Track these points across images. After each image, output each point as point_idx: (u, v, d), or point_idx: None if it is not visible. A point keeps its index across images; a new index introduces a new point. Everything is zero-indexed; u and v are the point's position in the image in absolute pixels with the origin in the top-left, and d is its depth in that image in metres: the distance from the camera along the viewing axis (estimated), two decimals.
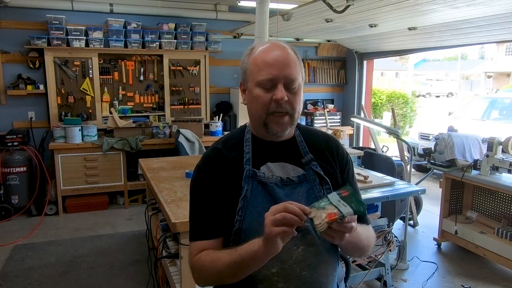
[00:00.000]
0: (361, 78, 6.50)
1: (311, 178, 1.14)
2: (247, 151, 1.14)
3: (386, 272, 2.99)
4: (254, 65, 1.09)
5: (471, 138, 3.81)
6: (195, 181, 1.17)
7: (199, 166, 1.18)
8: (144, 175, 3.27)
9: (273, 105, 1.07)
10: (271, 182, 1.10)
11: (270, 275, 1.07)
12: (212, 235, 1.11)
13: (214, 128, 5.23)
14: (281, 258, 1.05)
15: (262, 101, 1.07)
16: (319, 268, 1.10)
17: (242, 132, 1.19)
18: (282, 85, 1.06)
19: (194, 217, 1.15)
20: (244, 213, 1.07)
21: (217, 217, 1.11)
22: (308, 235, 1.08)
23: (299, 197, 1.10)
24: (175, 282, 2.30)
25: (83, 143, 4.66)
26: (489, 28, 4.01)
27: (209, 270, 1.06)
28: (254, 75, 1.08)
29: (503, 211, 3.51)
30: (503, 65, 26.36)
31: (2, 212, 4.45)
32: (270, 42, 1.12)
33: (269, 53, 1.08)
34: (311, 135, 1.23)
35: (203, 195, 1.14)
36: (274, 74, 1.05)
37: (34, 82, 4.82)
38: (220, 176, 1.12)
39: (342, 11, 3.29)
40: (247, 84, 1.12)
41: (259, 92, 1.08)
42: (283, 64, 1.06)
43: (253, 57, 1.10)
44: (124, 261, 3.52)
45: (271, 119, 1.08)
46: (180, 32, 5.31)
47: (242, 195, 1.08)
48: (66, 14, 4.90)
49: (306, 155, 1.16)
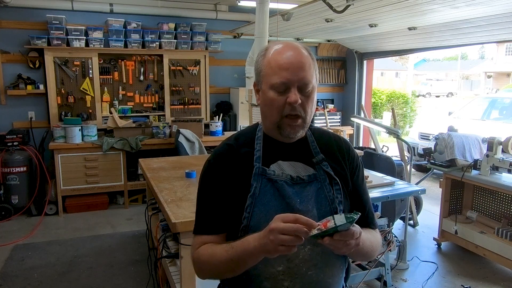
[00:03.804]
0: (361, 78, 6.50)
1: (321, 178, 1.13)
2: (258, 149, 1.14)
3: (386, 272, 2.99)
4: (268, 68, 1.08)
5: (471, 138, 3.81)
6: (204, 176, 1.18)
7: (210, 161, 1.18)
8: (144, 175, 3.27)
9: (287, 108, 1.06)
10: (281, 180, 1.10)
11: (276, 273, 1.08)
12: (215, 230, 1.13)
13: (214, 128, 5.22)
14: (287, 257, 1.06)
15: (276, 104, 1.07)
16: (325, 269, 1.11)
17: (254, 130, 1.19)
18: (296, 88, 1.05)
19: (200, 211, 1.17)
20: (252, 210, 1.08)
21: (222, 214, 1.13)
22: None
23: (308, 196, 1.10)
24: (175, 282, 2.30)
25: (83, 143, 4.66)
26: (489, 28, 4.02)
27: (208, 265, 1.09)
28: (268, 77, 1.08)
29: (503, 211, 3.51)
30: (503, 65, 26.36)
31: (2, 212, 4.45)
32: (284, 43, 1.11)
33: (283, 55, 1.07)
34: (322, 135, 1.23)
35: (210, 191, 1.15)
36: (288, 78, 1.05)
37: (34, 82, 4.82)
38: (229, 172, 1.13)
39: (342, 11, 3.29)
40: (261, 86, 1.12)
41: (273, 95, 1.07)
42: (297, 68, 1.05)
43: (267, 59, 1.09)
44: (124, 261, 3.52)
45: (285, 121, 1.08)
46: (180, 32, 5.31)
47: (251, 192, 1.08)
48: (66, 14, 4.91)
49: (317, 155, 1.16)
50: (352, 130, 6.43)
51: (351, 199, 1.19)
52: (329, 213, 1.10)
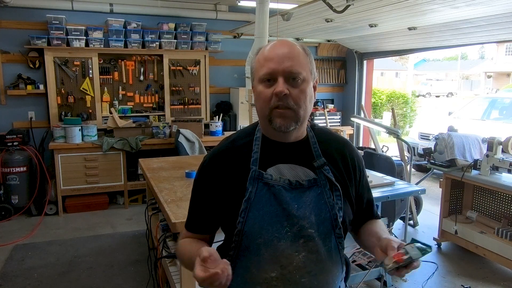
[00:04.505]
0: (361, 78, 6.50)
1: (322, 183, 1.09)
2: (255, 151, 1.11)
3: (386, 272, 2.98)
4: (257, 62, 1.08)
5: (471, 138, 3.81)
6: (197, 177, 1.18)
7: (204, 162, 1.17)
8: (144, 175, 3.27)
9: (274, 99, 1.03)
10: (278, 185, 1.06)
11: (269, 279, 1.06)
12: (200, 231, 1.18)
13: (214, 128, 5.22)
14: (281, 263, 1.04)
15: (264, 97, 1.05)
16: (319, 276, 1.08)
17: (253, 130, 1.16)
18: (283, 78, 1.03)
19: (190, 210, 1.21)
20: (246, 215, 1.05)
21: (208, 217, 1.15)
22: (310, 242, 1.05)
23: (307, 202, 1.07)
24: (175, 282, 2.30)
25: (83, 143, 4.66)
26: (489, 28, 4.02)
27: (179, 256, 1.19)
28: (257, 72, 1.08)
29: (503, 211, 3.51)
30: (503, 65, 26.35)
31: (2, 212, 4.45)
32: (275, 41, 1.10)
33: (272, 49, 1.06)
34: (326, 137, 1.18)
35: (200, 193, 1.16)
36: (272, 68, 1.03)
37: (34, 82, 4.82)
38: (223, 175, 1.11)
39: (342, 11, 3.29)
40: (253, 83, 1.11)
41: (261, 88, 1.06)
42: (282, 57, 1.03)
43: (258, 56, 1.10)
44: (124, 261, 3.52)
45: (274, 113, 1.04)
46: (180, 32, 5.31)
47: (246, 197, 1.05)
48: (66, 14, 4.91)
49: (319, 159, 1.11)
50: (352, 130, 6.43)
51: (357, 203, 1.18)
52: (329, 219, 1.07)
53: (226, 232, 1.15)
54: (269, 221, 1.04)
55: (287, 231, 1.04)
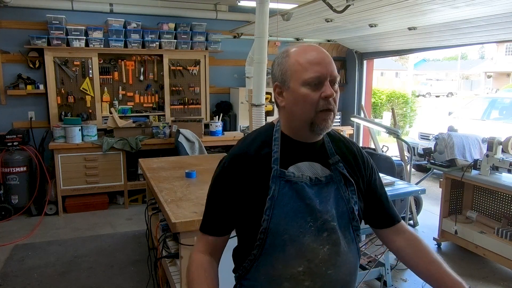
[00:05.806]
0: (361, 78, 6.50)
1: (337, 179, 1.16)
2: (276, 151, 1.14)
3: (386, 272, 2.99)
4: (297, 65, 1.08)
5: (471, 138, 3.81)
6: (217, 178, 1.18)
7: (224, 164, 1.18)
8: (144, 175, 3.27)
9: (322, 102, 1.07)
10: (301, 182, 1.11)
11: (296, 274, 1.09)
12: (218, 233, 1.18)
13: (214, 128, 5.22)
14: (307, 258, 1.09)
15: (310, 100, 1.07)
16: (343, 267, 1.13)
17: (271, 131, 1.19)
18: (328, 81, 1.08)
19: (207, 211, 1.20)
20: (271, 213, 1.08)
21: (228, 218, 1.16)
22: (334, 234, 1.11)
23: (327, 197, 1.12)
24: (175, 282, 2.30)
25: (83, 143, 4.66)
26: (489, 28, 4.01)
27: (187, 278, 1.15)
28: (299, 74, 1.08)
29: (503, 211, 3.51)
30: (503, 65, 26.37)
31: (2, 212, 4.45)
32: (303, 45, 1.13)
33: (310, 53, 1.09)
34: (336, 137, 1.25)
35: (220, 195, 1.16)
36: (321, 72, 1.06)
37: (34, 82, 4.82)
38: (245, 176, 1.13)
39: (342, 11, 3.29)
40: (289, 85, 1.10)
41: (306, 91, 1.07)
42: (327, 62, 1.08)
43: (294, 58, 1.10)
44: (124, 261, 3.52)
45: (319, 116, 1.08)
46: (180, 32, 5.31)
47: (270, 194, 1.09)
48: (66, 14, 4.90)
49: (333, 156, 1.18)
50: (352, 130, 6.43)
51: (374, 203, 1.25)
52: (346, 213, 1.13)
53: (247, 233, 1.15)
54: (293, 217, 1.09)
55: (310, 226, 1.09)
